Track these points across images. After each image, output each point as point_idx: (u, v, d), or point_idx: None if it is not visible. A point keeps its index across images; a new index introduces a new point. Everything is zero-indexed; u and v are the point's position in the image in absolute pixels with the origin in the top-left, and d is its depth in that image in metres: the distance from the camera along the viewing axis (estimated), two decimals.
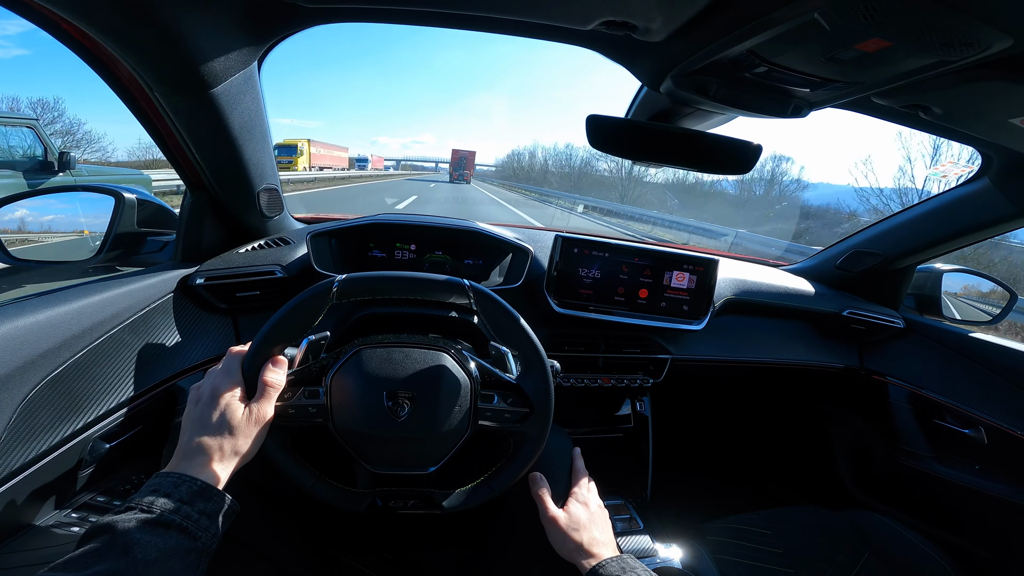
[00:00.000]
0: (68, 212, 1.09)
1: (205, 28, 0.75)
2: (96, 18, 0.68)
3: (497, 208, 20.28)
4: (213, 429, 0.66)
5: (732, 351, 1.50)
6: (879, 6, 0.52)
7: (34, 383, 0.74)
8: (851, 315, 1.54)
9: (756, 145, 0.97)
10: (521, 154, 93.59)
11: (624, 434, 1.51)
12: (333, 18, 0.85)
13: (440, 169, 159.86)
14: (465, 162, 60.38)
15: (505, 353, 0.85)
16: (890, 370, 1.59)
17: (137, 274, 1.00)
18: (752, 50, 0.68)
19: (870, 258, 1.56)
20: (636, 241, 1.38)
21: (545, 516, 0.85)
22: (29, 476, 0.75)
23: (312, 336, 0.80)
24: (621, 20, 0.72)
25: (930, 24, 0.55)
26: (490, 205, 21.17)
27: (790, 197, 20.17)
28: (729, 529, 1.18)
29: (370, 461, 0.79)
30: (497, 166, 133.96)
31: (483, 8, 0.77)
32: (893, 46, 0.61)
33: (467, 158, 60.56)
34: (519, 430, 0.81)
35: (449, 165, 63.54)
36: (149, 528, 0.54)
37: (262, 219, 1.20)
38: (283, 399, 0.74)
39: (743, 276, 1.51)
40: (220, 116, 0.89)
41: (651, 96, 1.00)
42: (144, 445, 0.97)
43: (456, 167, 60.46)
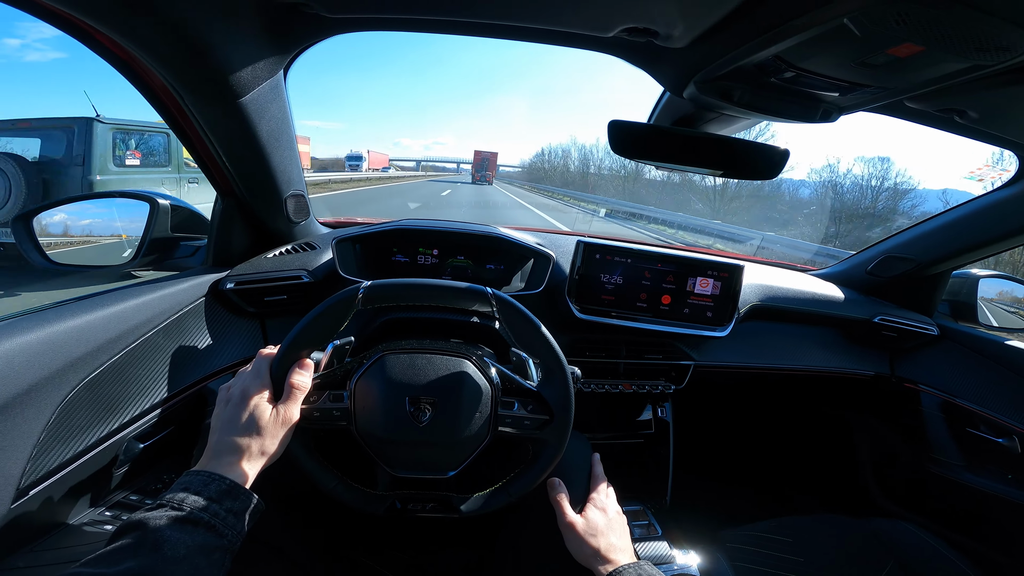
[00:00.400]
0: (105, 217, 1.13)
1: (233, 39, 0.77)
2: (129, 30, 0.70)
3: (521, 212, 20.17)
4: (242, 429, 0.68)
5: (757, 358, 1.47)
6: (911, 11, 0.51)
7: (72, 385, 0.77)
8: (883, 321, 1.50)
9: (783, 150, 0.95)
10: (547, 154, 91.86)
11: (644, 440, 1.50)
12: (355, 27, 0.86)
13: (462, 170, 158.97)
14: (487, 163, 60.64)
15: (526, 360, 0.85)
16: (922, 378, 1.55)
17: (171, 278, 1.03)
18: (779, 55, 0.67)
19: (903, 263, 1.52)
20: (659, 246, 1.36)
21: (563, 521, 0.85)
22: (66, 475, 0.77)
23: (337, 341, 0.82)
24: (643, 27, 0.72)
25: (964, 29, 0.53)
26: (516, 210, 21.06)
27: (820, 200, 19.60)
28: (748, 536, 1.17)
29: (391, 464, 0.80)
30: (522, 167, 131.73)
31: (503, 16, 0.77)
32: (926, 51, 0.59)
33: (489, 159, 60.82)
34: (538, 437, 0.82)
35: (471, 166, 63.79)
36: (178, 525, 0.55)
37: (289, 224, 1.23)
38: (308, 402, 0.76)
39: (770, 281, 1.48)
40: (248, 124, 0.91)
41: (674, 101, 1.00)
42: (175, 445, 1.00)
43: (478, 168, 60.74)
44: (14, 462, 0.69)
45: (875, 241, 1.62)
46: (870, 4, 0.52)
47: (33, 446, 0.72)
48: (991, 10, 0.50)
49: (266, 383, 0.73)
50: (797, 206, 18.66)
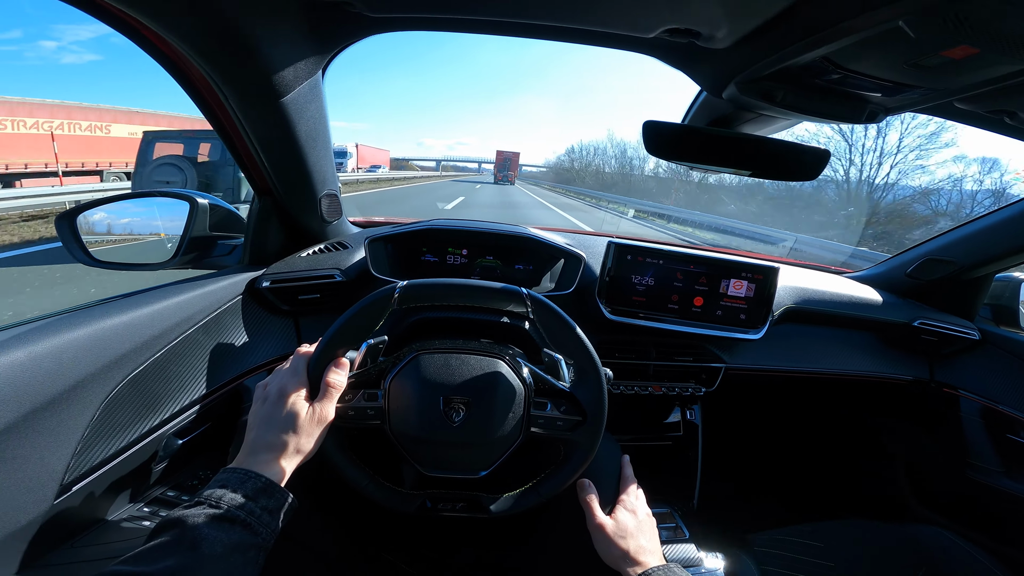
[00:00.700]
0: (146, 216, 1.16)
1: (278, 38, 0.78)
2: (179, 28, 0.72)
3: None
4: (279, 427, 0.69)
5: (791, 361, 1.44)
6: (970, 14, 0.49)
7: (117, 381, 0.79)
8: (922, 325, 1.46)
9: (824, 151, 0.93)
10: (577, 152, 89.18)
11: (672, 442, 1.49)
12: (395, 27, 0.87)
13: (483, 170, 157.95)
14: (509, 163, 60.47)
15: (558, 360, 0.85)
16: (963, 383, 1.51)
17: (210, 277, 1.05)
18: (827, 57, 0.66)
19: (944, 266, 1.47)
20: (691, 247, 1.34)
21: (592, 523, 0.85)
22: (107, 471, 0.79)
23: (371, 340, 0.83)
24: (685, 28, 0.71)
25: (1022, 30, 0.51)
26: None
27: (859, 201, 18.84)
28: (777, 541, 1.15)
29: (423, 464, 0.81)
30: (547, 167, 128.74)
31: (544, 17, 0.77)
32: (981, 53, 0.57)
33: (511, 159, 60.62)
34: (570, 438, 0.82)
35: (494, 166, 63.61)
36: (216, 523, 0.56)
37: (322, 223, 1.24)
38: (343, 401, 0.77)
39: (805, 284, 1.45)
40: (288, 124, 0.92)
41: (711, 101, 0.98)
42: (211, 442, 1.02)
43: (500, 168, 60.65)
44: (59, 458, 0.71)
45: (914, 244, 1.57)
46: (928, 6, 0.50)
47: (78, 442, 0.73)
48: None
49: (303, 381, 0.74)
50: (835, 206, 18.13)
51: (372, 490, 0.80)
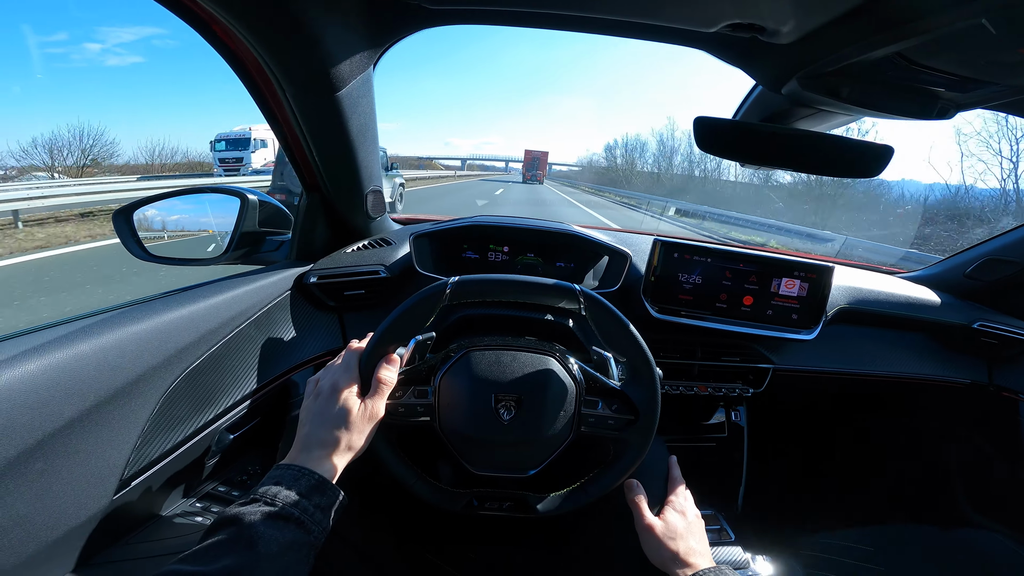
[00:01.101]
0: (197, 212, 1.18)
1: (335, 30, 0.78)
2: (243, 19, 0.72)
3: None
4: (331, 423, 0.69)
5: (842, 363, 1.40)
6: None
7: (176, 375, 0.80)
8: (982, 327, 1.40)
9: (887, 147, 0.89)
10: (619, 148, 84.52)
11: (716, 443, 1.46)
12: (452, 20, 0.86)
13: (511, 169, 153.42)
14: (538, 163, 60.07)
15: (608, 359, 0.84)
16: (1023, 387, 1.44)
17: (260, 272, 1.07)
18: (900, 53, 0.63)
19: (1007, 266, 1.41)
20: (740, 246, 1.31)
21: (641, 523, 0.84)
22: (165, 466, 0.80)
23: (420, 336, 0.83)
24: (748, 23, 0.69)
25: None
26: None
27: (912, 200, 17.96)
28: (825, 545, 1.12)
29: (472, 462, 0.81)
30: (581, 165, 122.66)
31: (605, 10, 0.75)
32: None
33: (540, 159, 60.19)
34: (621, 437, 0.81)
35: (522, 165, 63.11)
36: (271, 521, 0.56)
37: (367, 220, 1.25)
38: (393, 397, 0.77)
39: (858, 284, 1.41)
40: (341, 118, 0.93)
41: (766, 96, 0.95)
42: (260, 437, 1.03)
43: (529, 168, 60.30)
44: (120, 452, 0.71)
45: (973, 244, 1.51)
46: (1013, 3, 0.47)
47: (138, 436, 0.74)
48: None
49: (355, 377, 0.74)
50: (890, 205, 17.40)
51: (420, 488, 0.81)
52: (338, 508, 0.65)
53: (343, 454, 0.69)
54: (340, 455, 0.68)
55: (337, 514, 0.65)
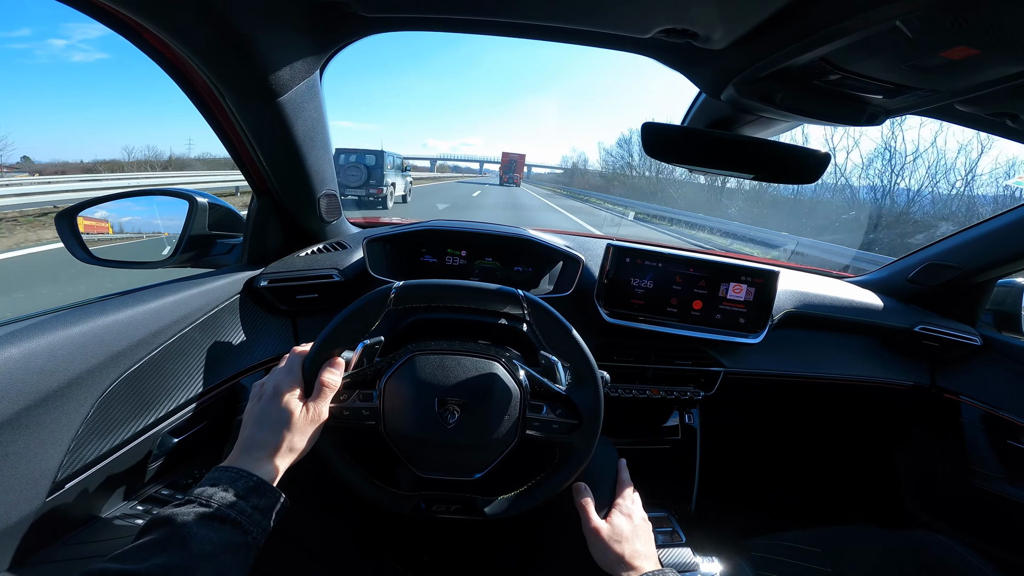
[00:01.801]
0: (146, 214, 1.16)
1: (275, 37, 0.78)
2: (176, 27, 0.72)
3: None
4: (272, 426, 0.69)
5: (791, 366, 1.44)
6: (968, 14, 0.49)
7: (112, 379, 0.79)
8: (924, 331, 1.45)
9: (824, 154, 0.92)
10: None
11: (671, 446, 1.48)
12: (391, 27, 0.87)
13: (487, 171, 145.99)
14: (515, 165, 59.77)
15: (555, 363, 0.85)
16: (964, 389, 1.50)
17: (208, 275, 1.05)
18: (825, 58, 0.65)
19: (947, 271, 1.47)
20: (691, 250, 1.34)
21: (588, 527, 0.85)
22: (101, 469, 0.79)
23: (368, 340, 0.82)
24: (681, 28, 0.71)
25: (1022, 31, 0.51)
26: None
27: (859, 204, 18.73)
28: (774, 546, 1.15)
29: (418, 465, 0.80)
30: (563, 169, 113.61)
31: (539, 17, 0.77)
32: (981, 54, 0.57)
33: (517, 161, 59.92)
34: (566, 441, 0.81)
35: (500, 168, 62.77)
36: (206, 522, 0.56)
37: (321, 223, 1.24)
38: (338, 400, 0.76)
39: (805, 288, 1.45)
40: (286, 123, 0.92)
41: (710, 103, 0.98)
42: (207, 440, 1.02)
43: (506, 170, 59.95)
44: (52, 455, 0.71)
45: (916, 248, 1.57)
46: (925, 6, 0.50)
47: (71, 439, 0.73)
48: None
49: (298, 380, 0.74)
50: (836, 211, 18.08)
51: (366, 490, 0.80)
52: (279, 510, 0.64)
53: (284, 456, 0.68)
54: (281, 457, 0.68)
55: (278, 516, 0.64)
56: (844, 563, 1.10)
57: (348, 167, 14.91)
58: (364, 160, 15.07)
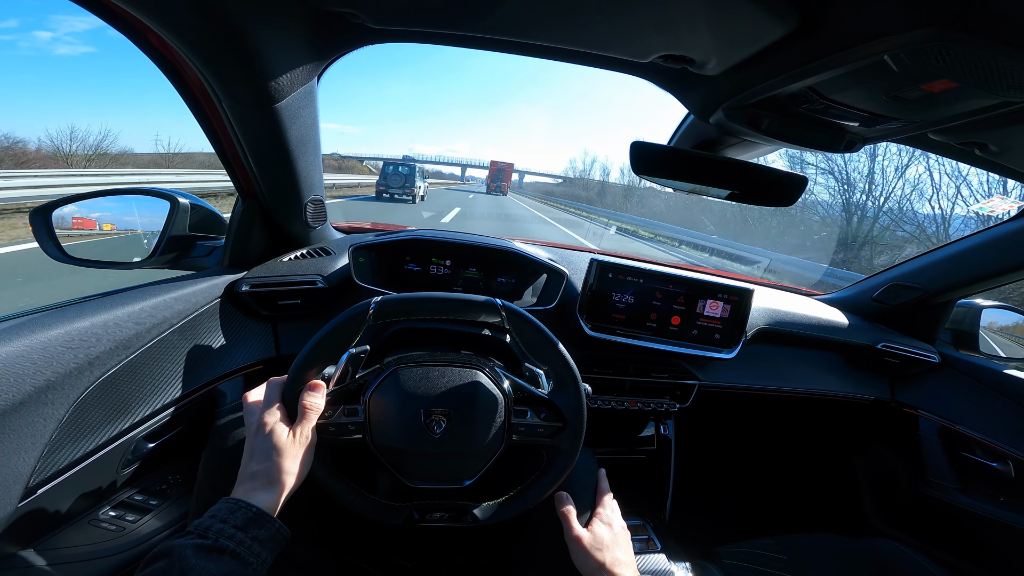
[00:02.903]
0: (124, 213, 1.13)
1: (276, 44, 0.78)
2: (180, 31, 0.71)
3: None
4: (262, 456, 0.69)
5: (761, 380, 1.48)
6: (953, 50, 0.52)
7: (88, 383, 0.77)
8: (886, 348, 1.52)
9: (802, 178, 0.97)
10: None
11: (647, 456, 1.51)
12: (394, 39, 0.87)
13: (470, 178, 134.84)
14: (503, 174, 58.61)
15: (539, 374, 0.86)
16: (922, 404, 1.57)
17: (188, 278, 1.03)
18: (812, 87, 0.69)
19: (910, 292, 1.54)
20: (670, 266, 1.37)
21: (570, 535, 0.86)
22: (76, 473, 0.77)
23: (353, 349, 0.82)
24: (679, 54, 0.73)
25: (1002, 67, 0.55)
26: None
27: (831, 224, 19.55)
28: (745, 553, 1.17)
29: (407, 476, 0.80)
30: (565, 179, 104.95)
31: (542, 37, 0.78)
32: (960, 87, 0.61)
33: (504, 170, 58.81)
34: (552, 444, 0.83)
35: (488, 176, 61.61)
36: (204, 554, 0.56)
37: (306, 229, 1.23)
38: (324, 417, 0.76)
39: (777, 305, 1.50)
40: (280, 129, 0.92)
41: (698, 125, 1.01)
42: (183, 446, 1.00)
43: (494, 179, 58.76)
44: (25, 460, 0.69)
45: (882, 268, 1.64)
46: (914, 43, 0.53)
47: (45, 444, 0.71)
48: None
49: (279, 408, 0.74)
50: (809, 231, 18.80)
51: (358, 503, 0.80)
52: (278, 540, 0.65)
53: (280, 485, 0.68)
54: (277, 486, 0.68)
55: (277, 545, 0.64)
56: (808, 569, 1.14)
57: (393, 174, 20.92)
58: (401, 170, 21.06)
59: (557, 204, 48.59)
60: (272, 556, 0.63)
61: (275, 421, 0.71)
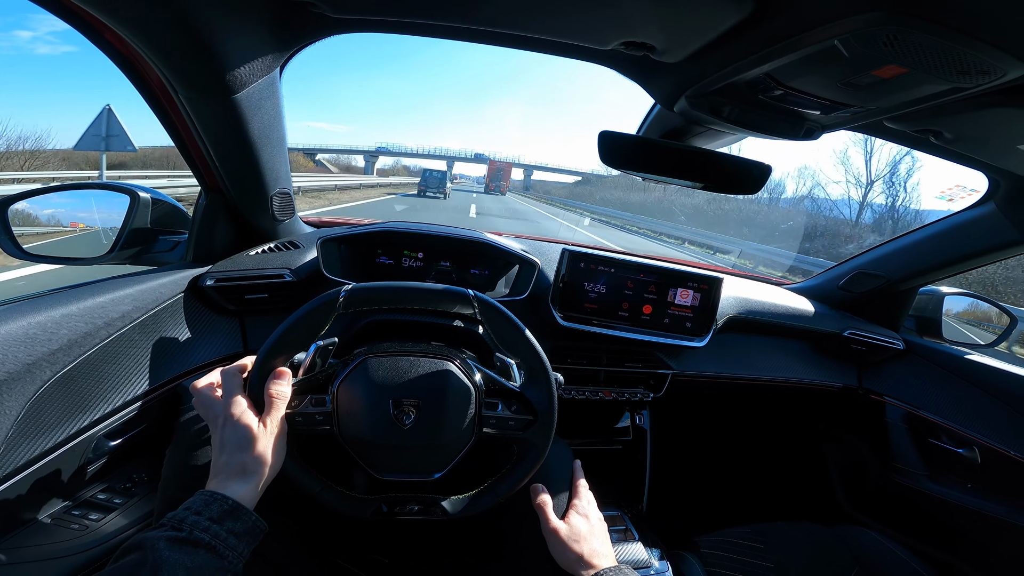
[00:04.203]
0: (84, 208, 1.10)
1: (234, 34, 0.77)
2: (132, 22, 0.70)
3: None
4: (235, 447, 0.68)
5: (733, 368, 1.50)
6: (900, 34, 0.53)
7: (44, 380, 0.75)
8: (852, 335, 1.55)
9: (766, 166, 0.98)
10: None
11: (623, 447, 1.52)
12: (356, 28, 0.86)
13: (458, 177, 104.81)
14: (502, 173, 57.63)
15: (510, 364, 0.86)
16: (888, 390, 1.61)
17: (149, 273, 1.01)
18: (769, 74, 0.70)
19: (874, 280, 1.57)
20: (641, 256, 1.38)
21: (546, 527, 0.86)
22: (35, 472, 0.76)
23: (320, 342, 0.81)
24: (640, 41, 0.74)
25: (948, 52, 0.56)
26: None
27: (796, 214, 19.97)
28: (722, 542, 1.19)
29: (376, 468, 0.79)
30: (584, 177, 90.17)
31: (504, 25, 0.78)
32: (909, 73, 0.62)
33: (504, 169, 58.00)
34: (523, 437, 0.82)
35: (487, 175, 60.02)
36: (177, 546, 0.55)
37: (273, 222, 1.21)
38: (291, 407, 0.75)
39: (746, 294, 1.52)
40: (241, 121, 0.90)
41: (664, 114, 1.02)
42: (148, 443, 0.98)
43: (493, 178, 57.81)
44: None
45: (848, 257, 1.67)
46: (861, 27, 0.54)
47: (1, 442, 0.69)
48: (976, 35, 0.53)
49: (241, 398, 0.72)
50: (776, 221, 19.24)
51: (325, 496, 0.78)
52: (255, 533, 0.63)
53: (255, 476, 0.67)
54: (251, 478, 0.67)
55: (254, 539, 0.63)
56: (785, 558, 1.15)
57: (429, 178, 30.08)
58: (436, 175, 30.29)
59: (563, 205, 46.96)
60: (248, 550, 0.62)
61: (242, 411, 0.70)
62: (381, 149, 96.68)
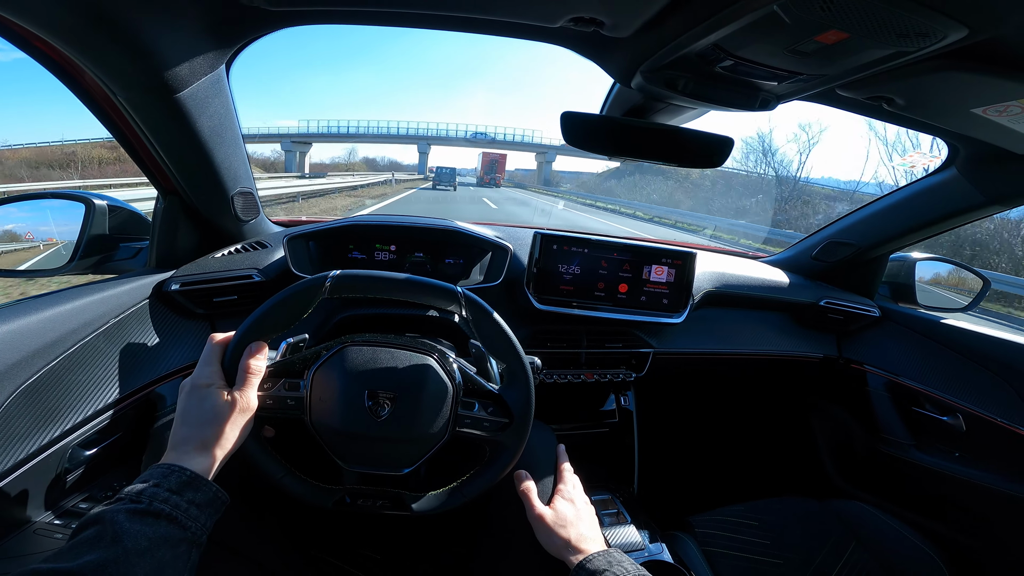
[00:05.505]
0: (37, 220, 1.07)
1: (167, 33, 0.75)
2: (56, 26, 0.68)
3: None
4: (197, 419, 0.66)
5: (713, 343, 1.51)
6: None
7: (7, 393, 0.74)
8: (828, 305, 1.56)
9: (727, 139, 0.98)
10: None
11: (609, 429, 1.52)
12: (299, 20, 0.85)
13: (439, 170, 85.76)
14: (496, 165, 57.34)
15: (485, 353, 0.85)
16: (868, 359, 1.62)
17: (110, 281, 0.99)
18: (717, 44, 0.69)
19: (845, 248, 1.59)
20: (614, 236, 1.38)
21: (532, 514, 0.85)
22: (10, 483, 0.74)
23: (291, 339, 0.80)
24: (589, 16, 0.73)
25: (885, 15, 0.56)
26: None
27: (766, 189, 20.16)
28: (716, 521, 1.19)
29: (344, 458, 0.78)
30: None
31: (449, 7, 0.77)
32: (851, 37, 0.62)
33: (498, 161, 57.59)
34: (496, 439, 0.81)
35: (480, 168, 59.41)
36: (138, 518, 0.54)
37: (237, 223, 1.19)
38: (263, 389, 0.74)
39: (721, 269, 1.52)
40: (188, 120, 0.89)
41: (624, 92, 1.01)
42: (125, 452, 0.96)
43: (488, 171, 57.35)
44: None
45: (818, 227, 1.69)
46: None
47: None
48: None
49: (216, 369, 0.72)
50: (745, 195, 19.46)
51: (288, 483, 0.78)
52: (217, 504, 0.62)
53: (215, 449, 0.66)
54: (211, 450, 0.65)
55: (217, 510, 0.62)
56: (781, 534, 1.16)
57: (443, 174, 34.79)
58: (448, 170, 33.83)
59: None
60: (211, 521, 0.61)
61: (212, 383, 0.69)
62: (309, 133, 64.71)
